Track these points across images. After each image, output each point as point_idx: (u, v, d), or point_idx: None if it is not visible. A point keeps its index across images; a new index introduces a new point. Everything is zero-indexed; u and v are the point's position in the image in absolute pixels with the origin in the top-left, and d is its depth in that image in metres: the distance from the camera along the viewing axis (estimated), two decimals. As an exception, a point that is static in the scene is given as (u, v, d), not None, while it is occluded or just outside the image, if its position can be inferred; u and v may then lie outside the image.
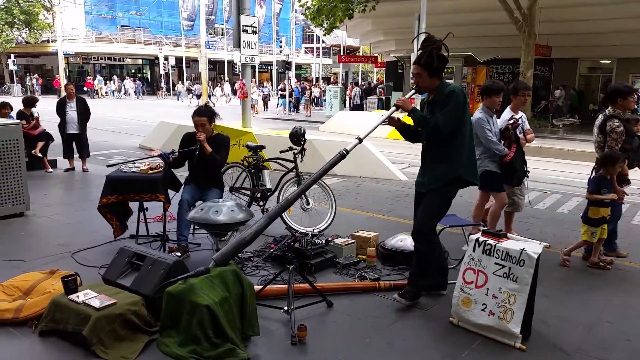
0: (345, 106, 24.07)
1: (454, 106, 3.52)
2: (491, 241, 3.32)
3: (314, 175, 3.65)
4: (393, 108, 3.69)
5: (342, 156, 3.59)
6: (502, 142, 4.96)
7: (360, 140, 3.66)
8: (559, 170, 10.63)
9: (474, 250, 3.38)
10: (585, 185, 4.86)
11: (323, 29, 21.56)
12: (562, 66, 22.80)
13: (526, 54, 18.14)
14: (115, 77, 39.62)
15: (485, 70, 20.66)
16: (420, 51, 3.62)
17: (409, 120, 3.76)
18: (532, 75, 18.90)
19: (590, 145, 5.74)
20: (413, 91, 3.80)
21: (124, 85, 37.87)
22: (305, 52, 53.58)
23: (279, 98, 27.71)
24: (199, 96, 32.08)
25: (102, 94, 37.10)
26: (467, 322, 3.38)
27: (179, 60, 38.73)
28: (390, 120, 3.75)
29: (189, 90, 34.44)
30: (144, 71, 47.10)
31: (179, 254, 4.46)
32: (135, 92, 37.85)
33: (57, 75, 36.66)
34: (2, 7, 34.87)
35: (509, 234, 3.46)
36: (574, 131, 18.22)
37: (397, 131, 3.92)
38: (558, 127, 17.79)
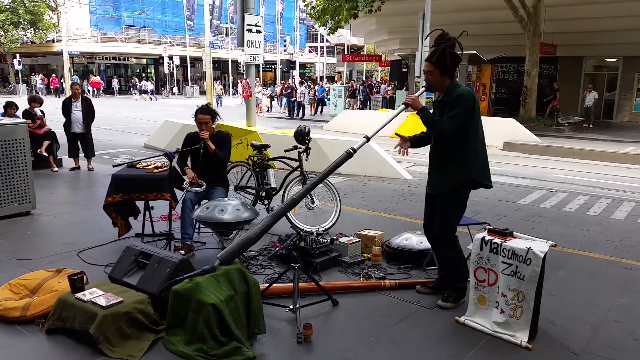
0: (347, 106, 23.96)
1: (461, 111, 3.43)
2: (497, 240, 3.30)
3: (320, 174, 3.62)
4: (402, 106, 3.65)
5: (348, 155, 3.54)
6: None
7: (368, 139, 3.62)
8: (565, 169, 10.59)
9: (481, 249, 3.37)
10: (591, 184, 4.83)
11: (327, 28, 21.56)
12: (567, 64, 22.72)
13: (531, 53, 18.09)
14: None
15: (490, 68, 20.62)
16: (433, 48, 3.53)
17: (412, 130, 3.69)
18: (537, 74, 18.85)
19: (595, 144, 5.72)
20: (423, 89, 3.73)
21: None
22: (310, 51, 53.58)
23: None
24: (144, 92, 35.83)
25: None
26: (482, 320, 3.37)
27: (183, 59, 38.83)
28: (402, 138, 3.71)
29: (134, 86, 37.53)
30: (149, 71, 47.21)
31: (183, 252, 4.47)
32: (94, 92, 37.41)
33: (54, 75, 36.94)
34: (8, 7, 35.05)
35: (515, 233, 3.44)
36: (580, 130, 18.16)
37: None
38: (563, 126, 17.71)
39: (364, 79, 34.79)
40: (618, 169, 10.60)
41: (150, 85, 37.05)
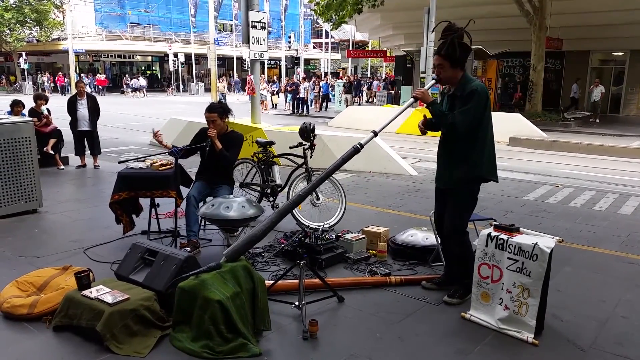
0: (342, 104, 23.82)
1: (474, 106, 3.39)
2: (503, 236, 3.29)
3: (326, 170, 3.60)
4: (411, 100, 3.61)
5: (356, 150, 3.51)
6: None
7: (376, 134, 3.59)
8: (571, 164, 10.53)
9: (486, 245, 3.36)
10: (597, 179, 4.80)
11: (331, 23, 21.51)
12: (573, 59, 22.56)
13: (537, 47, 17.98)
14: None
15: (495, 63, 20.51)
16: (441, 40, 3.49)
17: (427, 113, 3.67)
18: (543, 69, 18.74)
19: (602, 139, 5.67)
20: (433, 82, 3.69)
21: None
22: (314, 47, 53.50)
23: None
24: (136, 89, 35.76)
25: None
26: (486, 317, 3.37)
27: (188, 57, 38.87)
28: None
29: (127, 85, 37.31)
30: (154, 68, 47.32)
31: (189, 249, 4.48)
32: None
33: (60, 73, 36.98)
34: (13, 5, 35.17)
35: (521, 228, 3.42)
36: (586, 125, 18.05)
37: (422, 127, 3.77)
38: (570, 121, 17.61)
39: (385, 75, 34.54)
40: (625, 164, 10.53)
41: (142, 82, 36.73)
